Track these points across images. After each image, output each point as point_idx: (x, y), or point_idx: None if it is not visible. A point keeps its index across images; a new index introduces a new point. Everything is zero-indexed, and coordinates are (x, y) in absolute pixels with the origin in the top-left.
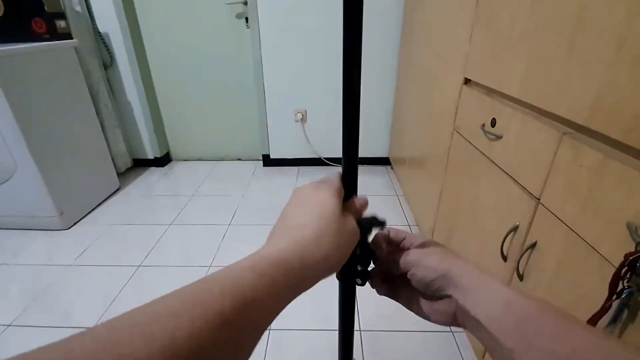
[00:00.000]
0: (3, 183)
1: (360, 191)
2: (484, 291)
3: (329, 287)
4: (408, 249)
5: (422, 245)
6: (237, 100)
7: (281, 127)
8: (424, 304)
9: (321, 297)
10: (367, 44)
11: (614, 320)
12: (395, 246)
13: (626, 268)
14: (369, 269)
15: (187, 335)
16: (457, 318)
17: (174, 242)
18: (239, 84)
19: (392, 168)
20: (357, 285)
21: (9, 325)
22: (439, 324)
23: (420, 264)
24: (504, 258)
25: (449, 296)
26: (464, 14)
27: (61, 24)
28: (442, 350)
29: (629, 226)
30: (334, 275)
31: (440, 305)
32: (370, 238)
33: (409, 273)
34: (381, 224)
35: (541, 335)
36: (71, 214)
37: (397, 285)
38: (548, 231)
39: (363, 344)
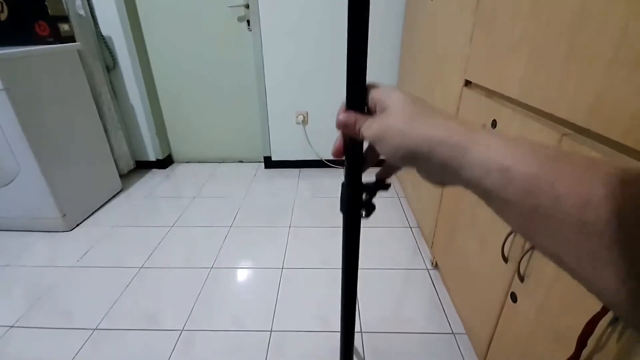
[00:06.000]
0: (6, 185)
1: None
2: (469, 164)
3: (329, 289)
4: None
5: (383, 109)
6: (238, 102)
7: (283, 129)
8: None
9: (322, 298)
10: (368, 46)
11: (615, 320)
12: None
13: None
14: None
15: None
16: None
17: (175, 244)
18: (241, 86)
19: None
20: (361, 218)
21: (11, 326)
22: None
23: (380, 146)
24: (505, 260)
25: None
26: (464, 16)
27: (64, 27)
28: (443, 352)
29: None
30: (333, 274)
31: None
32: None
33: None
34: (386, 186)
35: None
36: (74, 216)
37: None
38: None
39: (364, 345)
